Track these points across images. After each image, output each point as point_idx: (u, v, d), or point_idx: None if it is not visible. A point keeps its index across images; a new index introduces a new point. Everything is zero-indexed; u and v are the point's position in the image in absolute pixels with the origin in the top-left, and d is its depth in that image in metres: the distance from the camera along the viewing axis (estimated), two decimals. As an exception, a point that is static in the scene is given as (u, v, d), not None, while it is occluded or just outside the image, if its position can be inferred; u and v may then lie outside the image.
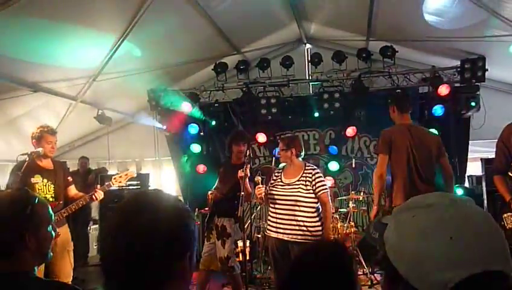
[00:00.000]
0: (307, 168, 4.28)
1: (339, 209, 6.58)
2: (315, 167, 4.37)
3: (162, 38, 5.78)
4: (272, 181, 4.38)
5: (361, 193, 6.33)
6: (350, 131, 6.91)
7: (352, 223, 6.13)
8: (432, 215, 0.88)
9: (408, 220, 0.92)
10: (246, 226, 5.74)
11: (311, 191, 4.14)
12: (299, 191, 4.14)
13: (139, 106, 7.62)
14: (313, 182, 4.15)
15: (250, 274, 5.51)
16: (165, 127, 7.21)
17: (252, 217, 4.85)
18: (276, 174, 4.44)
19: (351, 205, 6.18)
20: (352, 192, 6.46)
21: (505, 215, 3.49)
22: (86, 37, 5.12)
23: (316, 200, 4.14)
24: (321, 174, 4.30)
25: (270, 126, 6.94)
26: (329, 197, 4.20)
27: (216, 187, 4.72)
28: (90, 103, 6.91)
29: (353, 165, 6.99)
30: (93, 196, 4.11)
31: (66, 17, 4.59)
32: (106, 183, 4.30)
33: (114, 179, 4.39)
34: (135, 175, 4.75)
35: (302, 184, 4.15)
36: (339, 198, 7.01)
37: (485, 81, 6.33)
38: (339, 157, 7.15)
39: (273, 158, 5.10)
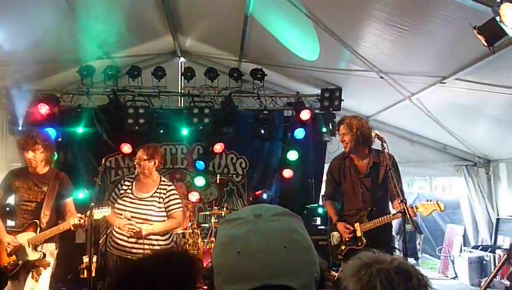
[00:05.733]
0: (162, 183, 4.09)
1: (202, 225, 6.59)
2: (170, 183, 4.21)
3: (22, 29, 5.20)
4: (122, 192, 4.08)
5: (225, 209, 6.40)
6: (218, 147, 7.02)
7: (213, 239, 6.16)
8: (232, 230, 0.92)
9: (219, 232, 0.97)
10: (100, 241, 5.39)
11: (163, 209, 4.00)
12: (151, 209, 3.95)
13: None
14: (166, 199, 4.00)
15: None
16: (16, 129, 6.46)
17: (108, 231, 4.52)
18: (127, 183, 4.13)
19: (213, 220, 6.22)
20: (216, 207, 6.52)
21: (332, 233, 4.15)
22: None
23: (166, 218, 4.02)
24: (176, 191, 4.15)
25: (137, 137, 6.67)
26: (189, 215, 4.11)
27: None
28: None
29: (217, 181, 7.07)
30: None
31: None
32: None
33: None
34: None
35: (156, 201, 3.98)
36: (203, 213, 7.02)
37: (341, 110, 6.97)
38: (205, 172, 7.16)
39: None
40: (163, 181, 4.16)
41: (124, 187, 4.12)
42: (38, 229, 3.90)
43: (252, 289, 0.84)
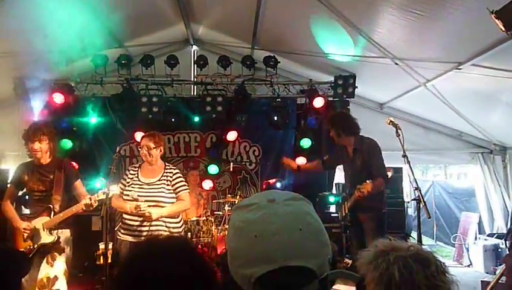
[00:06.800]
0: (167, 167, 4.19)
1: (215, 212, 6.64)
2: (175, 168, 4.30)
3: (35, 21, 5.23)
4: (129, 180, 4.14)
5: (238, 197, 6.43)
6: (231, 135, 7.02)
7: (227, 226, 6.20)
8: (247, 215, 0.93)
9: (233, 218, 0.99)
10: (116, 229, 5.46)
11: (172, 191, 4.07)
12: (161, 192, 4.01)
13: (1, 93, 6.81)
14: (173, 181, 4.08)
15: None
16: (31, 119, 6.53)
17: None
18: (132, 172, 4.19)
19: (226, 208, 6.26)
20: (229, 195, 6.55)
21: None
22: None
23: (175, 201, 4.09)
24: (181, 175, 4.24)
25: (150, 125, 6.68)
26: (203, 203, 4.13)
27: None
28: None
29: (231, 169, 7.10)
30: None
31: None
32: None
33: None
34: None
35: (164, 184, 4.05)
36: (216, 201, 7.07)
37: (355, 97, 6.91)
38: (218, 160, 7.20)
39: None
40: (168, 166, 4.26)
41: (130, 176, 4.16)
42: (52, 213, 3.96)
43: (270, 271, 0.86)
